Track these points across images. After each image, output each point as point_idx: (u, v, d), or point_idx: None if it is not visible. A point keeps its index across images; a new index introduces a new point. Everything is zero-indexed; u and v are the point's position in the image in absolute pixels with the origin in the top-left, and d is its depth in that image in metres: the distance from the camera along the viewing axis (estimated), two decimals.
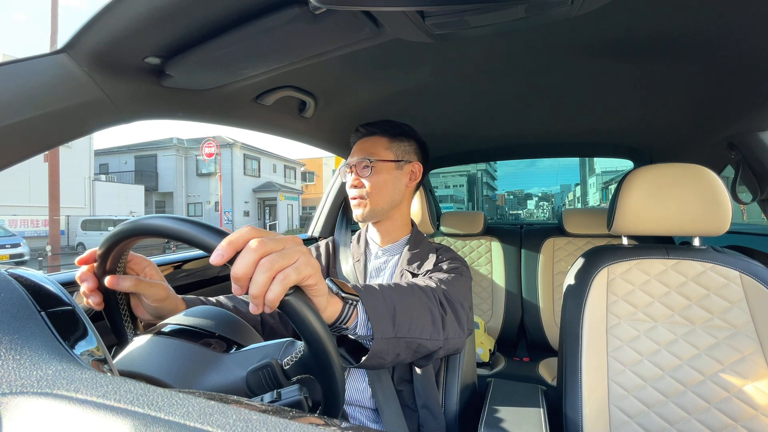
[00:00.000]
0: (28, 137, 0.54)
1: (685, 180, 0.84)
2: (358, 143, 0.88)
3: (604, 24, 0.68)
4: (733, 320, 0.80)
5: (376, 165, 0.83)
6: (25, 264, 8.99)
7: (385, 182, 0.84)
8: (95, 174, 16.56)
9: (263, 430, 0.19)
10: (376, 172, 0.83)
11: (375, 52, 0.75)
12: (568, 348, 0.88)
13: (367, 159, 0.83)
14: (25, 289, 0.29)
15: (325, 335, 0.38)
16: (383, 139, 0.87)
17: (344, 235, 1.00)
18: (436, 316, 0.63)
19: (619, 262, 0.91)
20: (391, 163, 0.85)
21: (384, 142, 0.86)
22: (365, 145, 0.86)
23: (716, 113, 1.04)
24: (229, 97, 0.81)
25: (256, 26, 0.53)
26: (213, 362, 0.43)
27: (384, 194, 0.84)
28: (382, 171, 0.84)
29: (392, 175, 0.85)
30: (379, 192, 0.83)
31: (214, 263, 0.35)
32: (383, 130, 0.88)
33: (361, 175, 0.84)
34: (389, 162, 0.85)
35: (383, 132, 0.87)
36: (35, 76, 0.52)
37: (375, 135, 0.87)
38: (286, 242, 0.38)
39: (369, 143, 0.86)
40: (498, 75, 0.92)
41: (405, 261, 0.84)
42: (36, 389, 0.22)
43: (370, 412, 0.79)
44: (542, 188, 33.73)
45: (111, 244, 0.44)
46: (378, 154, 0.84)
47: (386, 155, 0.85)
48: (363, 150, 0.85)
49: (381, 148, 0.85)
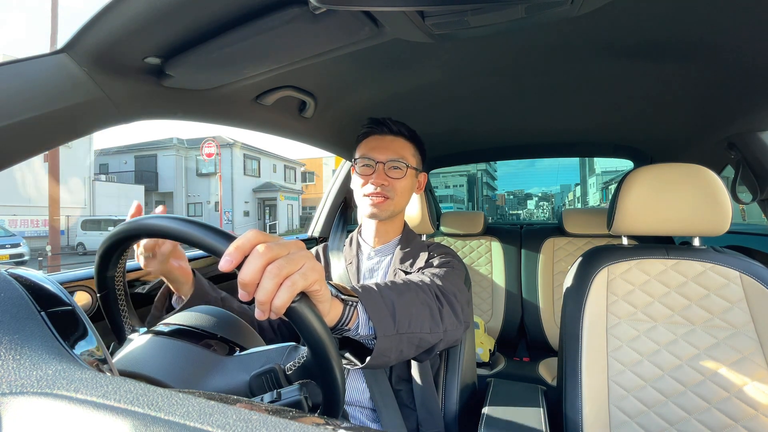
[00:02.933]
0: (28, 137, 0.53)
1: (685, 180, 0.84)
2: (381, 139, 0.84)
3: (603, 24, 0.68)
4: (733, 320, 0.80)
5: (408, 170, 0.83)
6: (25, 264, 9.00)
7: (408, 187, 0.85)
8: (95, 174, 16.56)
9: (263, 430, 0.19)
10: (406, 176, 0.83)
11: (375, 52, 0.75)
12: (568, 348, 0.88)
13: (402, 162, 0.82)
14: (25, 289, 0.29)
15: (329, 342, 0.38)
16: (409, 145, 0.86)
17: (339, 238, 1.00)
18: (434, 309, 0.64)
19: (619, 262, 0.91)
20: (414, 170, 0.86)
21: (410, 148, 0.86)
22: (394, 146, 0.84)
23: (716, 113, 1.04)
24: (229, 97, 0.81)
25: (256, 26, 0.53)
26: (215, 365, 0.43)
27: (405, 199, 0.86)
28: (409, 177, 0.85)
29: (413, 182, 0.87)
30: (403, 196, 0.84)
31: (223, 269, 0.35)
32: (409, 134, 0.87)
33: (389, 174, 0.82)
34: (414, 169, 0.86)
35: (410, 137, 0.87)
36: (35, 76, 0.52)
37: (402, 137, 0.86)
38: (290, 247, 0.38)
39: (398, 145, 0.84)
40: (498, 75, 0.92)
41: (397, 260, 0.84)
42: (36, 389, 0.22)
43: (370, 411, 0.79)
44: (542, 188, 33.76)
45: (115, 242, 0.44)
46: (409, 160, 0.84)
47: (413, 162, 0.86)
48: (392, 150, 0.83)
49: (409, 154, 0.85)
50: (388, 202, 0.82)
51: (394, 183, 0.82)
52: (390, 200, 0.82)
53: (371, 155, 0.83)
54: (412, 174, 0.85)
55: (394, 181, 0.82)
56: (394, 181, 0.82)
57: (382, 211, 0.82)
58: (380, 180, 0.81)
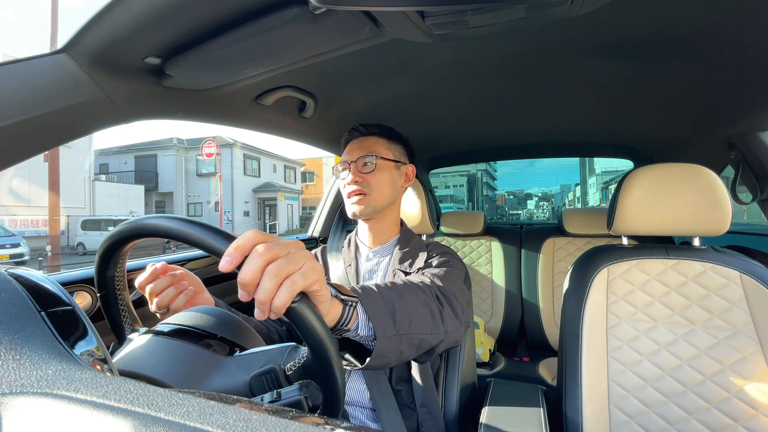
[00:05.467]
0: (28, 137, 0.54)
1: (685, 180, 0.84)
2: (354, 142, 0.88)
3: (604, 24, 0.68)
4: (733, 320, 0.80)
5: (379, 163, 0.84)
6: (25, 264, 8.99)
7: (385, 181, 0.85)
8: (95, 174, 16.56)
9: (263, 430, 0.19)
10: (378, 169, 0.84)
11: (375, 52, 0.75)
12: (568, 348, 0.88)
13: (371, 156, 0.84)
14: (25, 289, 0.29)
15: (329, 342, 0.38)
16: (382, 140, 0.87)
17: (338, 239, 1.00)
18: (434, 310, 0.64)
19: (619, 262, 0.91)
20: (391, 162, 0.86)
21: (383, 143, 0.87)
22: (365, 144, 0.86)
23: (716, 113, 1.04)
24: (229, 97, 0.81)
25: (256, 26, 0.53)
26: (215, 365, 0.43)
27: (384, 192, 0.85)
28: (384, 169, 0.85)
29: (392, 174, 0.86)
30: (380, 189, 0.84)
31: (223, 270, 0.35)
32: (381, 131, 0.89)
33: (362, 171, 0.84)
34: (390, 161, 0.86)
35: (381, 133, 0.88)
36: (35, 76, 0.52)
37: (374, 135, 0.88)
38: (290, 247, 0.38)
39: (369, 142, 0.87)
40: (498, 75, 0.92)
41: (396, 260, 0.84)
42: (36, 389, 0.22)
43: (370, 411, 0.79)
44: (542, 188, 33.77)
45: (114, 243, 0.44)
46: (380, 153, 0.85)
47: (387, 154, 0.86)
48: (363, 148, 0.86)
49: (381, 148, 0.86)
50: (366, 198, 0.83)
51: (367, 178, 0.83)
52: (367, 196, 0.83)
53: (345, 158, 0.87)
54: (387, 166, 0.86)
55: (366, 176, 0.83)
56: (366, 176, 0.83)
57: (364, 207, 0.83)
58: (354, 177, 0.83)
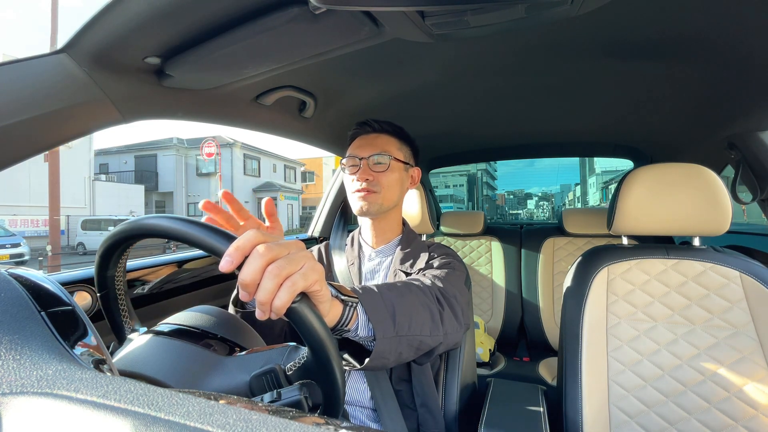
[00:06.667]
0: (28, 137, 0.53)
1: (685, 180, 0.84)
2: (365, 137, 0.86)
3: (604, 24, 0.68)
4: (733, 320, 0.80)
5: (392, 163, 0.84)
6: (25, 264, 8.99)
7: (396, 181, 0.84)
8: (95, 174, 16.54)
9: (263, 430, 0.19)
10: (390, 170, 0.83)
11: (375, 52, 0.75)
12: (568, 348, 0.88)
13: (384, 155, 0.83)
14: (25, 289, 0.29)
15: (329, 343, 0.38)
16: (394, 140, 0.87)
17: (340, 237, 1.00)
18: (435, 312, 0.63)
19: (619, 261, 0.91)
20: (402, 164, 0.86)
21: (395, 143, 0.86)
22: (377, 142, 0.85)
23: (716, 113, 1.04)
24: (229, 97, 0.81)
25: (256, 26, 0.53)
26: (215, 365, 0.43)
27: (394, 192, 0.85)
28: (395, 170, 0.84)
29: (401, 176, 0.86)
30: (390, 190, 0.84)
31: (223, 270, 0.35)
32: (393, 129, 0.88)
33: (374, 170, 0.83)
34: (401, 163, 0.86)
35: (393, 132, 0.87)
36: (35, 76, 0.52)
37: (386, 133, 0.87)
38: (290, 247, 0.38)
39: (381, 140, 0.85)
40: (498, 75, 0.92)
41: (398, 261, 0.84)
42: (36, 389, 0.22)
43: (370, 411, 0.79)
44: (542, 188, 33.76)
45: (114, 243, 0.44)
46: (393, 153, 0.84)
47: (399, 156, 0.86)
48: (375, 146, 0.84)
49: (393, 148, 0.85)
50: (375, 195, 0.82)
51: (379, 177, 0.82)
52: (377, 194, 0.82)
53: (355, 153, 0.85)
54: (398, 167, 0.85)
55: (378, 174, 0.82)
56: (378, 174, 0.82)
57: (371, 205, 0.82)
58: (365, 175, 0.82)
